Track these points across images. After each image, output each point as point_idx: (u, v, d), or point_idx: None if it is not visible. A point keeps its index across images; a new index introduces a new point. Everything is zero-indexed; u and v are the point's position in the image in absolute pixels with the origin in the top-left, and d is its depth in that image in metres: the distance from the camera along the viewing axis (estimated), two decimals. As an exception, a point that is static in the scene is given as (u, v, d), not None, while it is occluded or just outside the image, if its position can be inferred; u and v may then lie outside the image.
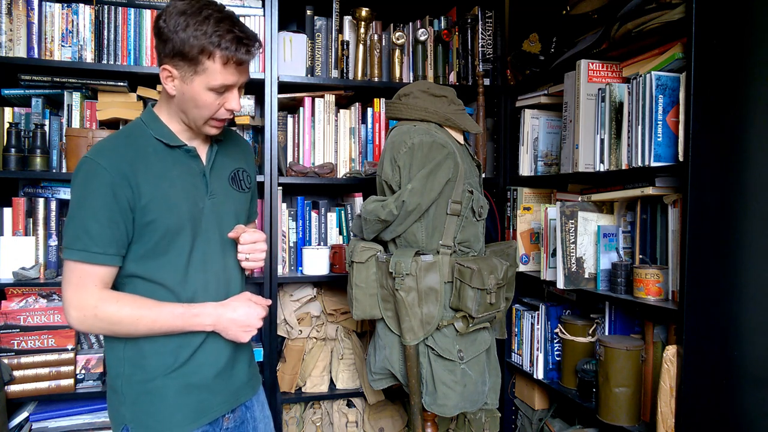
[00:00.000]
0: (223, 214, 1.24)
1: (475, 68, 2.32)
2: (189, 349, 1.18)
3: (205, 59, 1.07)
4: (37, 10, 1.94)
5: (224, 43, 1.06)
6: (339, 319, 2.28)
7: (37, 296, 1.94)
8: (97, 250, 1.08)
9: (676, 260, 1.52)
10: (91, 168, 1.08)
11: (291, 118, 2.24)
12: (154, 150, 1.15)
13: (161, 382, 1.15)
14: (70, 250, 1.08)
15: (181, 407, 1.17)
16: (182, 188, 1.16)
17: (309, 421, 2.28)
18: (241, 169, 1.32)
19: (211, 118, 1.15)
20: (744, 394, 1.44)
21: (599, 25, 1.80)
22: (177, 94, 1.12)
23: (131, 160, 1.10)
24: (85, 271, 1.09)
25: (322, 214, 2.27)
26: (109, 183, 1.07)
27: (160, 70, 1.12)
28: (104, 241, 1.08)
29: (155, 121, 1.18)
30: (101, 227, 1.08)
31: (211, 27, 1.05)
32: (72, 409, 1.97)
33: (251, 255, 1.25)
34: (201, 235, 1.19)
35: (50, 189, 2.03)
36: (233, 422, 1.27)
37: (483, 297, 1.54)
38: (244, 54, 1.09)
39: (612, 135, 1.66)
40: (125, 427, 1.15)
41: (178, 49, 1.06)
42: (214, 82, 1.09)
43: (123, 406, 1.15)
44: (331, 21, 2.21)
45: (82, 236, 1.08)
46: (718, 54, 1.39)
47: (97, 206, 1.07)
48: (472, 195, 1.63)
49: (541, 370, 2.05)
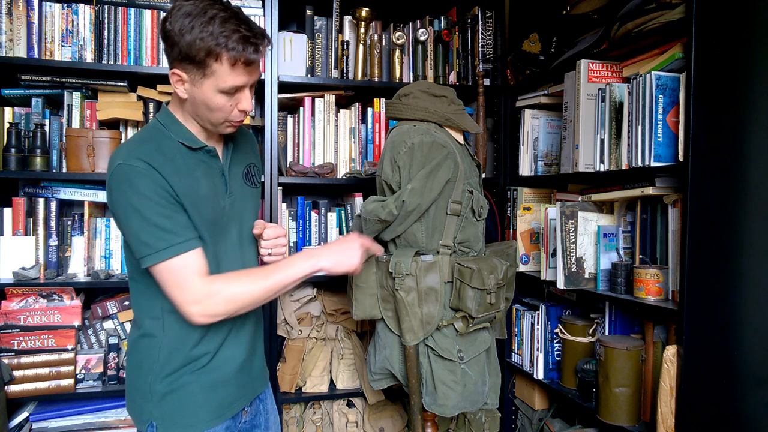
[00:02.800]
0: (242, 211, 1.25)
1: (475, 68, 2.32)
2: (215, 344, 1.19)
3: (213, 62, 1.04)
4: (37, 10, 1.94)
5: (231, 43, 1.03)
6: (339, 319, 2.28)
7: (37, 296, 1.94)
8: (179, 240, 1.07)
9: (676, 260, 1.52)
10: (131, 171, 1.05)
11: (291, 118, 2.24)
12: (179, 152, 1.14)
13: (188, 379, 1.16)
14: (155, 253, 1.06)
15: (207, 403, 1.18)
16: (206, 189, 1.16)
17: (309, 421, 2.28)
18: (252, 164, 1.33)
19: (226, 120, 1.14)
20: (744, 394, 1.43)
21: (599, 25, 1.80)
22: (189, 98, 1.11)
23: (162, 163, 1.09)
24: (179, 265, 1.07)
25: (322, 214, 2.27)
26: (155, 180, 1.06)
27: (170, 74, 1.09)
28: (179, 229, 1.08)
29: (175, 123, 1.16)
30: (170, 220, 1.07)
31: (217, 27, 1.02)
32: (72, 409, 1.98)
33: (274, 250, 1.27)
34: (221, 234, 1.19)
35: (50, 189, 2.03)
36: (250, 415, 1.30)
37: (483, 297, 1.54)
38: (252, 53, 1.06)
39: (612, 135, 1.66)
40: (152, 423, 1.15)
41: (185, 52, 1.04)
42: (223, 84, 1.06)
43: (150, 403, 1.15)
44: (331, 21, 2.21)
45: (161, 235, 1.06)
46: (718, 54, 1.39)
47: (156, 204, 1.06)
48: (472, 195, 1.63)
49: (541, 370, 2.05)
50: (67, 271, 2.02)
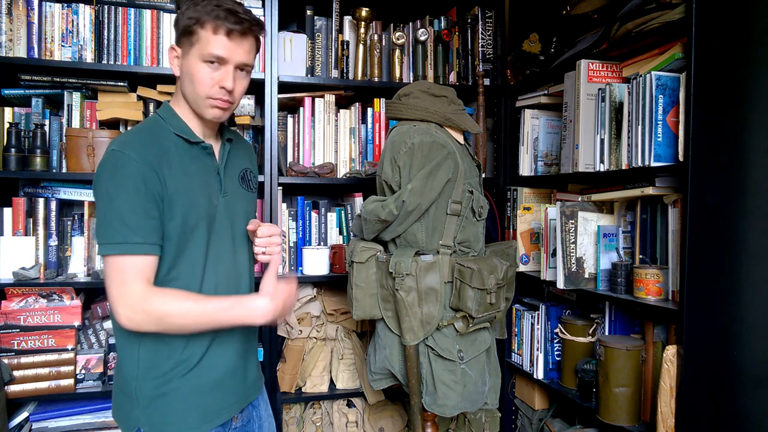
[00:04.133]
0: (234, 213, 1.25)
1: (475, 68, 2.32)
2: (201, 347, 1.17)
3: (199, 28, 1.11)
4: (37, 10, 1.93)
5: (216, 11, 1.10)
6: (339, 319, 2.28)
7: (37, 296, 1.94)
8: (137, 240, 1.06)
9: (676, 260, 1.52)
10: (119, 159, 1.06)
11: (291, 118, 2.24)
12: (174, 145, 1.15)
13: (176, 384, 1.15)
14: (109, 244, 1.06)
15: (195, 408, 1.17)
16: (199, 184, 1.17)
17: (309, 421, 2.28)
18: (249, 169, 1.34)
19: (208, 97, 1.14)
20: (744, 394, 1.43)
21: (599, 25, 1.80)
22: (181, 73, 1.16)
23: (156, 154, 1.10)
24: (127, 264, 1.06)
25: (322, 214, 2.27)
26: (140, 173, 1.06)
27: (169, 50, 1.18)
28: (144, 230, 1.07)
29: (173, 117, 1.18)
30: (138, 217, 1.06)
31: (211, 3, 1.11)
32: (72, 409, 1.97)
33: (268, 248, 1.27)
34: (215, 233, 1.19)
35: (50, 189, 2.03)
36: (241, 422, 1.28)
37: (483, 297, 1.54)
38: (233, 24, 1.11)
39: (612, 135, 1.66)
40: (138, 430, 1.14)
41: (181, 27, 1.13)
42: (205, 50, 1.11)
43: (136, 408, 1.14)
44: (331, 21, 2.21)
45: (120, 228, 1.05)
46: (718, 54, 1.39)
47: (131, 197, 1.05)
48: (472, 195, 1.63)
49: (541, 370, 2.05)
50: (67, 271, 2.02)
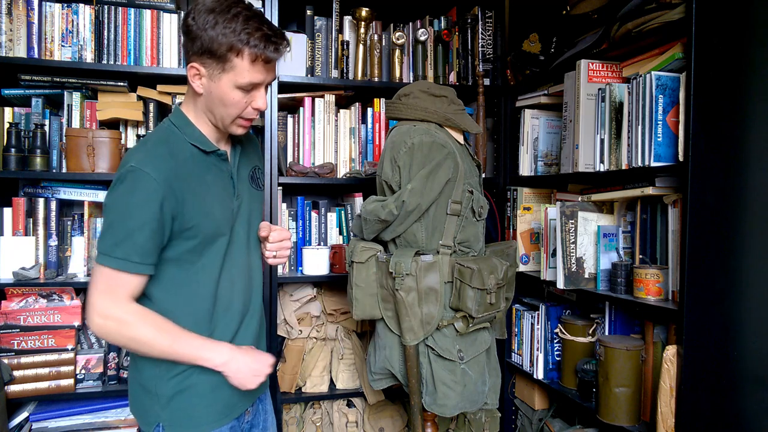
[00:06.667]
0: (249, 214, 1.26)
1: (475, 68, 2.32)
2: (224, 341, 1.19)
3: (234, 57, 1.06)
4: (37, 10, 1.93)
5: (253, 40, 1.05)
6: (339, 319, 2.28)
7: (37, 296, 1.94)
8: (137, 259, 1.06)
9: (676, 260, 1.52)
10: (139, 178, 1.05)
11: (291, 118, 2.24)
12: (191, 155, 1.14)
13: (195, 380, 1.16)
14: (109, 257, 1.06)
15: (214, 404, 1.18)
16: (216, 193, 1.17)
17: (309, 421, 2.28)
18: (257, 167, 1.34)
19: (238, 117, 1.14)
20: (744, 394, 1.43)
21: (599, 25, 1.80)
22: (204, 92, 1.12)
23: (175, 169, 1.09)
24: (119, 279, 1.07)
25: (322, 214, 2.27)
26: (158, 195, 1.06)
27: (188, 68, 1.11)
28: (146, 251, 1.07)
29: (188, 125, 1.17)
30: (145, 239, 1.06)
31: (240, 24, 1.05)
32: (72, 409, 1.97)
33: (279, 252, 1.30)
34: (230, 237, 1.20)
35: (50, 189, 2.03)
36: (251, 415, 1.31)
37: (483, 297, 1.54)
38: (272, 52, 1.08)
39: (612, 135, 1.66)
40: (159, 425, 1.15)
41: (206, 46, 1.06)
42: (241, 80, 1.08)
43: (157, 405, 1.16)
44: (331, 21, 2.21)
45: (125, 244, 1.05)
46: (718, 54, 1.39)
47: (144, 217, 1.05)
48: (472, 195, 1.63)
49: (541, 370, 2.05)
50: (67, 271, 2.02)
